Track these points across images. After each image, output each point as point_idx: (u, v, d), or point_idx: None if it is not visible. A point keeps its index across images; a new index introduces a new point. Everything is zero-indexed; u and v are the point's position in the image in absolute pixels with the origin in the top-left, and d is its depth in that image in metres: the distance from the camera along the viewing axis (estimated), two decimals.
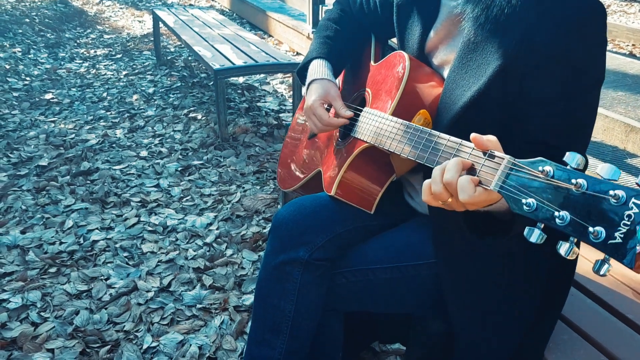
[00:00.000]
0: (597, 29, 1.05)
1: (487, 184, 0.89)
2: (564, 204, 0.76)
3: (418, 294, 1.35)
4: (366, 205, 1.39)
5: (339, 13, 1.62)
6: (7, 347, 2.00)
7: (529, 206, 0.80)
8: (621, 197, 0.70)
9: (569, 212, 0.75)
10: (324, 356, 1.50)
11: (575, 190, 0.75)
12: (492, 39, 1.10)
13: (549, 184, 0.79)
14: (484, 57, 1.12)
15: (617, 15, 6.65)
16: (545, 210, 0.78)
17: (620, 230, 0.70)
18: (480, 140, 0.92)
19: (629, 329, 1.32)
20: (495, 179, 0.87)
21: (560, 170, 0.78)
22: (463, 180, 0.90)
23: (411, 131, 1.14)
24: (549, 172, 0.79)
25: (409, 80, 1.26)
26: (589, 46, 1.05)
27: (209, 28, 4.76)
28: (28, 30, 6.57)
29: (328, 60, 1.53)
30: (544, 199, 0.79)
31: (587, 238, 0.73)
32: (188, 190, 3.08)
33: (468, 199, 0.90)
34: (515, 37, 1.06)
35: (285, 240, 1.35)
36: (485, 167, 0.91)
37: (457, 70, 1.17)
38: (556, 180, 0.78)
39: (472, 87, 1.13)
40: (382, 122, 1.25)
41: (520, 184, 0.83)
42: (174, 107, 4.28)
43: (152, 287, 2.29)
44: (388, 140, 1.20)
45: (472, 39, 1.14)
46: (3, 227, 2.72)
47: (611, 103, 3.40)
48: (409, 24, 1.38)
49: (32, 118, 4.10)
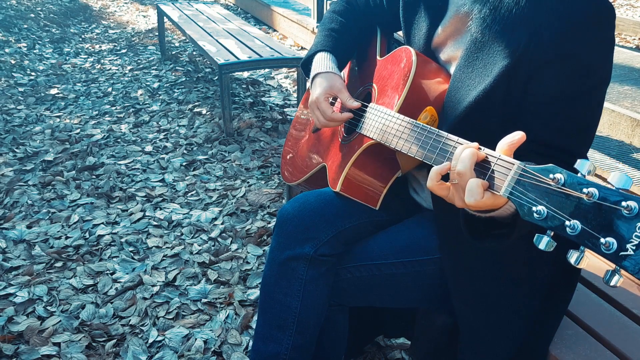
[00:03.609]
0: (605, 29, 1.04)
1: (496, 189, 0.88)
2: (574, 213, 0.75)
3: (423, 289, 1.35)
4: (371, 201, 1.39)
5: (344, 5, 1.61)
6: (14, 340, 2.01)
7: (539, 214, 0.79)
8: (633, 208, 0.70)
9: (580, 222, 0.74)
10: (330, 351, 1.51)
11: (587, 200, 0.74)
12: (499, 39, 1.10)
13: (560, 192, 0.77)
14: (490, 57, 1.11)
15: (623, 9, 6.60)
16: (555, 219, 0.77)
17: (632, 242, 0.69)
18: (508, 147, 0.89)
19: (634, 324, 1.32)
20: (505, 184, 0.86)
21: (572, 178, 0.77)
22: (473, 184, 0.89)
23: (418, 130, 1.12)
24: (560, 179, 0.78)
25: (415, 77, 1.25)
26: (596, 47, 1.04)
27: (214, 23, 4.76)
28: (33, 25, 6.59)
29: (333, 53, 1.52)
30: (554, 207, 0.78)
31: (598, 249, 0.72)
32: (193, 185, 3.09)
33: (474, 202, 0.89)
34: (522, 37, 1.06)
35: (291, 236, 1.35)
36: (496, 171, 0.89)
37: (463, 69, 1.17)
38: (567, 188, 0.77)
39: (477, 86, 1.12)
40: (388, 119, 1.24)
41: (530, 191, 0.82)
42: (179, 102, 4.29)
43: (158, 282, 2.30)
44: (395, 138, 1.19)
45: (479, 38, 1.14)
46: (9, 222, 2.73)
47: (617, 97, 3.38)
48: (415, 19, 1.37)
49: (37, 113, 4.11)
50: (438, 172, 0.97)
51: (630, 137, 3.05)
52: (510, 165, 0.87)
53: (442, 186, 0.97)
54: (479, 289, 1.25)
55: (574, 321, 1.34)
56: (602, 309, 1.38)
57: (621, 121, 3.10)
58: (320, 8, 5.16)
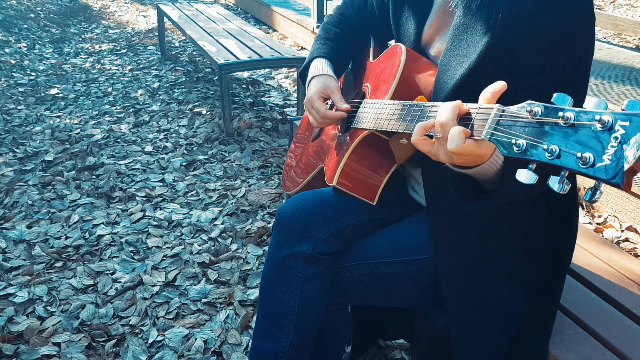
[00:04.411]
0: (582, 2, 1.06)
1: (478, 134, 0.90)
2: (553, 138, 0.77)
3: (422, 288, 1.35)
4: (369, 195, 1.39)
5: (338, 17, 1.66)
6: (14, 340, 2.01)
7: (519, 147, 0.81)
8: (607, 122, 0.71)
9: (558, 145, 0.76)
10: (329, 349, 1.51)
11: (563, 124, 0.76)
12: (478, 18, 1.13)
13: (538, 123, 0.80)
14: (473, 36, 1.14)
15: (623, 9, 6.60)
16: (534, 148, 0.79)
17: (608, 152, 0.71)
18: (492, 96, 0.92)
19: (634, 324, 1.32)
20: (486, 127, 0.88)
21: (549, 109, 0.79)
22: (454, 130, 0.91)
23: (407, 107, 1.16)
24: (537, 112, 0.80)
25: (405, 68, 1.28)
26: (573, 17, 1.06)
27: (214, 23, 4.76)
28: (33, 25, 6.59)
29: (329, 59, 1.57)
30: (533, 137, 0.80)
31: (577, 166, 0.73)
32: (193, 185, 3.09)
33: (456, 148, 0.91)
34: (499, 11, 1.09)
35: (289, 235, 1.35)
36: (477, 120, 0.92)
37: (449, 53, 1.20)
38: (544, 117, 0.79)
39: (463, 64, 1.15)
40: (380, 107, 1.27)
41: (509, 128, 0.84)
42: (179, 102, 4.29)
43: (158, 282, 2.30)
44: (386, 122, 1.22)
45: (461, 20, 1.17)
46: (9, 222, 2.73)
47: (617, 97, 3.37)
48: (404, 19, 1.41)
49: (37, 113, 4.11)
50: (422, 127, 1.00)
51: None
52: (489, 110, 0.89)
53: (426, 141, 1.00)
54: (470, 283, 1.27)
55: (574, 321, 1.34)
56: (602, 309, 1.38)
57: None
58: (320, 8, 5.16)
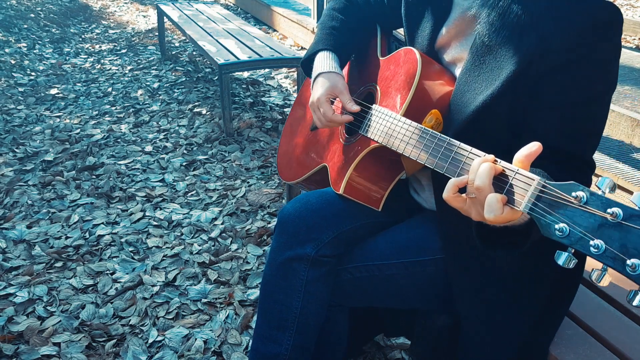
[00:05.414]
0: (613, 36, 1.04)
1: (516, 204, 0.86)
2: (598, 232, 0.74)
3: (423, 289, 1.35)
4: (374, 203, 1.39)
5: (344, 2, 1.60)
6: (14, 340, 2.01)
7: (562, 232, 0.78)
8: None
9: (604, 242, 0.73)
10: (330, 351, 1.51)
11: (611, 220, 0.73)
12: (507, 45, 1.10)
13: (583, 211, 0.76)
14: (498, 62, 1.11)
15: (623, 9, 6.60)
16: (578, 237, 0.76)
17: None
18: (527, 159, 0.89)
19: (634, 324, 1.32)
20: (525, 200, 0.85)
21: (594, 197, 0.76)
22: (492, 199, 0.88)
23: (428, 137, 1.11)
24: (582, 198, 0.77)
25: (420, 80, 1.24)
26: (603, 54, 1.04)
27: (214, 23, 4.76)
28: (33, 25, 6.58)
29: (334, 52, 1.50)
30: (576, 225, 0.76)
31: (624, 270, 0.71)
32: (193, 185, 3.09)
33: (494, 218, 0.88)
34: (531, 43, 1.06)
35: (292, 237, 1.34)
36: (514, 185, 0.88)
37: (469, 73, 1.17)
38: (590, 207, 0.76)
39: (485, 90, 1.12)
40: (394, 122, 1.23)
41: (550, 207, 0.80)
42: (179, 102, 4.29)
43: (158, 282, 2.30)
44: (402, 143, 1.18)
45: (486, 42, 1.13)
46: (9, 222, 2.73)
47: (617, 97, 3.38)
48: (419, 19, 1.36)
49: (37, 113, 4.11)
50: (456, 185, 0.96)
51: (630, 137, 3.05)
52: (529, 180, 0.85)
53: (458, 198, 0.96)
54: (483, 291, 1.25)
55: (574, 321, 1.34)
56: (602, 309, 1.38)
57: (621, 121, 3.09)
58: (320, 8, 5.16)
